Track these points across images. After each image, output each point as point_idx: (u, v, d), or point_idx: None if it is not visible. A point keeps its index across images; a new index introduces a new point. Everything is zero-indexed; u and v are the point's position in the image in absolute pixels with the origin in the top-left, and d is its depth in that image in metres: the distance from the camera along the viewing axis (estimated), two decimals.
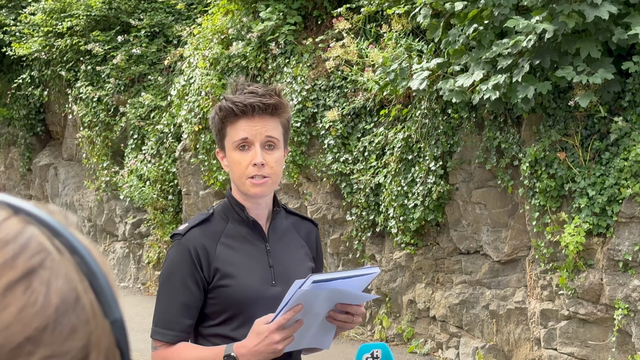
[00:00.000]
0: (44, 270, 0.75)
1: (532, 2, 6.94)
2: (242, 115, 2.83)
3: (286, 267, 2.97)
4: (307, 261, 3.07)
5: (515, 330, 8.05)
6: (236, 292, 2.86)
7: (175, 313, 2.90)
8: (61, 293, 0.75)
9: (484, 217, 8.16)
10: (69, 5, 13.90)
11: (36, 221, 0.79)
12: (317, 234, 3.21)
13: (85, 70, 13.77)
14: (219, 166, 11.08)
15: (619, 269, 7.00)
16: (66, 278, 0.76)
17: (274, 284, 2.92)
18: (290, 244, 3.05)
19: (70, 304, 0.76)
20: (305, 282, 2.56)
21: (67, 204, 15.02)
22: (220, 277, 2.87)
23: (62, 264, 0.77)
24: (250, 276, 2.89)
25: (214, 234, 2.93)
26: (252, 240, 2.96)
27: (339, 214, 9.57)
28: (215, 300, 2.88)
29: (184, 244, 2.89)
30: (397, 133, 8.72)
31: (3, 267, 0.74)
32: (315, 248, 3.16)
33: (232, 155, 2.88)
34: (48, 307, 0.74)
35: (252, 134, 2.84)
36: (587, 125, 7.29)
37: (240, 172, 2.86)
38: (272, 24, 10.21)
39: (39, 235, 0.77)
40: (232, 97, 2.86)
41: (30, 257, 0.75)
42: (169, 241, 12.55)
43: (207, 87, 10.80)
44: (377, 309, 9.38)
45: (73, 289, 0.77)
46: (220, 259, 2.89)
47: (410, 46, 8.63)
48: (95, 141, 13.84)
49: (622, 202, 6.93)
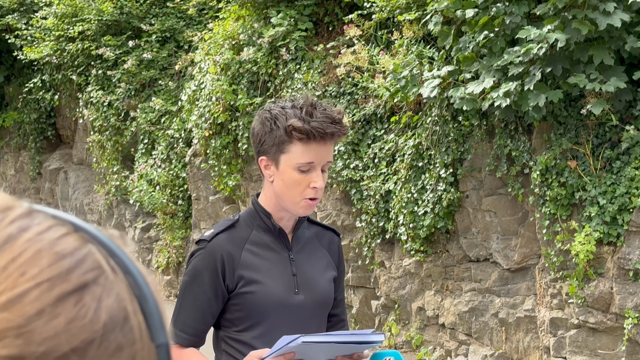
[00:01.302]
0: (96, 287, 0.79)
1: (544, 10, 6.93)
2: (314, 139, 2.81)
3: (309, 276, 2.99)
4: (329, 270, 3.08)
5: (525, 338, 8.03)
6: (260, 299, 2.88)
7: (191, 317, 2.95)
8: (111, 310, 0.78)
9: (494, 225, 8.15)
10: (81, 9, 13.93)
11: (95, 240, 0.82)
12: (339, 243, 3.21)
13: (96, 74, 13.80)
14: (229, 171, 11.09)
15: (629, 278, 6.98)
16: (117, 297, 0.79)
17: (297, 292, 2.92)
18: (313, 253, 3.06)
19: (119, 323, 0.79)
20: (293, 340, 2.54)
21: (76, 208, 15.05)
22: (244, 283, 2.89)
23: (115, 283, 0.80)
24: (274, 283, 2.91)
25: (239, 240, 2.95)
26: (276, 248, 2.97)
27: (348, 220, 9.56)
28: (239, 306, 2.91)
29: (209, 250, 2.92)
30: (408, 140, 8.71)
31: (57, 279, 0.77)
32: (337, 257, 3.17)
33: (291, 174, 2.86)
34: (97, 322, 0.77)
35: (319, 159, 2.84)
36: (598, 134, 7.28)
37: (298, 192, 2.86)
38: (283, 30, 10.22)
39: (96, 253, 0.81)
40: (310, 120, 2.81)
41: (85, 272, 0.79)
42: (178, 246, 12.57)
43: (217, 92, 10.81)
44: (386, 316, 9.37)
45: (123, 308, 0.79)
46: (245, 265, 2.91)
47: (421, 53, 8.63)
48: (105, 145, 13.86)
49: (632, 211, 6.91)
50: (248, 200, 11.06)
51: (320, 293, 2.98)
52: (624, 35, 6.79)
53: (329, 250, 3.12)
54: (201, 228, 12.05)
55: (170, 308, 8.91)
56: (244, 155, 10.94)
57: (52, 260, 0.77)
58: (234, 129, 10.89)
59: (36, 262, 0.77)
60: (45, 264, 0.77)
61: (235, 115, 10.85)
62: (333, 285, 3.08)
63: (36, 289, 0.76)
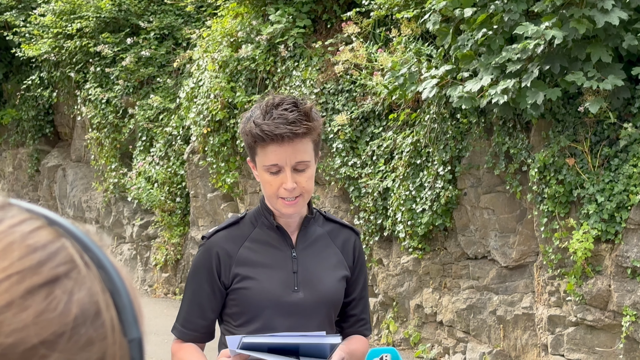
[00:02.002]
0: (68, 280, 0.79)
1: (542, 7, 6.93)
2: (270, 141, 2.78)
3: (312, 274, 2.97)
4: (339, 269, 3.04)
5: (523, 336, 8.04)
6: (254, 295, 2.89)
7: (191, 312, 2.99)
8: (82, 304, 0.79)
9: (492, 223, 8.15)
10: (79, 7, 13.92)
11: (69, 235, 0.83)
12: (358, 241, 3.15)
13: (94, 72, 13.79)
14: (227, 169, 11.10)
15: (627, 276, 6.98)
16: (89, 291, 0.80)
17: (296, 289, 2.92)
18: (321, 251, 3.03)
19: (90, 317, 0.79)
20: (237, 341, 2.55)
21: (75, 205, 15.05)
22: (240, 279, 2.92)
23: (87, 278, 0.80)
24: (271, 280, 2.91)
25: (239, 238, 2.97)
26: (278, 246, 2.97)
27: (346, 217, 9.56)
28: (235, 302, 2.94)
29: (207, 246, 2.97)
30: (406, 137, 8.71)
31: (28, 271, 0.77)
32: (352, 256, 3.11)
33: (263, 175, 2.86)
34: (67, 316, 0.77)
35: (283, 160, 2.79)
36: (596, 132, 7.28)
37: (271, 192, 2.86)
38: (282, 27, 10.22)
39: (69, 247, 0.81)
40: (261, 123, 2.79)
41: (57, 266, 0.79)
42: (176, 243, 12.57)
43: (216, 89, 10.81)
44: (384, 313, 9.38)
45: (95, 302, 0.80)
46: (242, 262, 2.93)
47: (420, 51, 8.63)
48: (103, 143, 13.86)
49: (630, 208, 6.91)
50: (246, 197, 11.06)
51: (323, 291, 2.96)
52: (622, 32, 6.79)
53: (342, 249, 3.08)
54: (199, 225, 12.05)
55: (167, 305, 8.92)
56: (242, 153, 10.94)
57: (23, 253, 0.78)
58: (232, 126, 10.89)
59: (7, 254, 0.77)
60: (16, 257, 0.77)
61: (234, 113, 10.84)
62: (343, 285, 3.04)
63: (6, 281, 0.76)
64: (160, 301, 12.43)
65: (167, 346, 9.70)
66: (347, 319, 3.16)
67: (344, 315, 3.15)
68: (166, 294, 12.79)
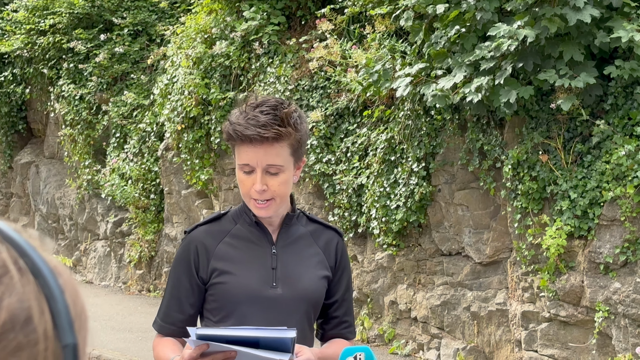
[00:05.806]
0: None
1: (514, 6, 6.96)
2: (242, 142, 2.80)
3: (291, 272, 2.97)
4: (320, 269, 3.04)
5: (496, 332, 8.08)
6: (231, 289, 2.90)
7: (170, 306, 3.01)
8: (11, 310, 0.77)
9: (466, 219, 8.18)
10: (52, 2, 13.83)
11: (6, 240, 0.81)
12: (341, 243, 3.13)
13: (67, 68, 13.71)
14: (202, 166, 11.07)
15: (599, 272, 7.03)
16: (20, 297, 0.78)
17: (275, 285, 2.92)
18: (303, 250, 3.03)
19: (19, 323, 0.78)
20: (193, 332, 2.55)
21: (48, 202, 14.96)
22: (218, 274, 2.93)
23: (20, 283, 0.79)
24: (248, 275, 2.92)
25: (218, 233, 2.99)
26: (257, 242, 2.98)
27: (321, 214, 9.57)
28: (214, 297, 2.95)
29: (187, 241, 2.99)
30: (380, 134, 8.72)
31: None
32: (334, 257, 3.10)
33: (238, 173, 2.89)
34: None
35: (254, 161, 2.80)
36: (569, 128, 7.32)
37: (244, 192, 2.89)
38: (256, 24, 10.20)
39: (3, 252, 0.80)
40: (234, 122, 2.80)
41: None
42: (150, 240, 12.53)
43: (190, 86, 10.78)
44: (359, 310, 9.39)
45: (26, 308, 0.78)
46: (220, 257, 2.95)
47: (394, 47, 8.64)
48: (77, 139, 13.78)
49: (603, 205, 6.96)
50: (221, 194, 11.04)
51: (301, 288, 2.96)
52: (594, 30, 6.83)
53: (324, 249, 3.07)
54: (173, 222, 12.02)
55: (141, 302, 8.90)
56: (216, 149, 10.92)
57: None
58: (207, 122, 10.86)
59: None
60: None
61: (208, 109, 10.82)
62: (324, 284, 3.03)
63: None
64: (135, 298, 12.39)
65: (141, 343, 9.69)
66: (329, 320, 3.15)
67: (326, 317, 3.14)
68: (140, 291, 12.75)
